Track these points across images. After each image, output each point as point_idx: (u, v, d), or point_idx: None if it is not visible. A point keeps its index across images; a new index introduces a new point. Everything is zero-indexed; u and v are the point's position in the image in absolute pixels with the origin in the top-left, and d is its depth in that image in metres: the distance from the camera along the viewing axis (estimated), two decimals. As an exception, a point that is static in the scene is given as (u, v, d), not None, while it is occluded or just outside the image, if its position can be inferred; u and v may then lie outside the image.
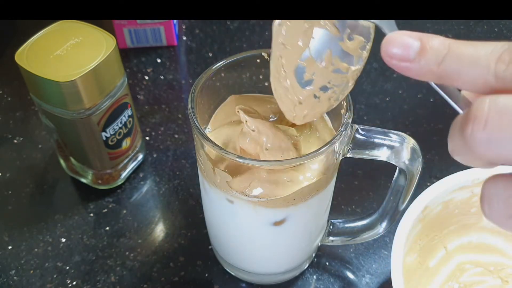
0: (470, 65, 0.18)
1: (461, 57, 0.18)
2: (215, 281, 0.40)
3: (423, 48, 0.19)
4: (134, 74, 0.56)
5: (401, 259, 0.33)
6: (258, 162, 0.29)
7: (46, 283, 0.39)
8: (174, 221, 0.44)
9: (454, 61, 0.18)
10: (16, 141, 0.49)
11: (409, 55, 0.19)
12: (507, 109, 0.16)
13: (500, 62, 0.17)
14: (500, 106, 0.16)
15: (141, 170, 0.47)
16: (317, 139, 0.33)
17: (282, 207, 0.31)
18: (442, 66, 0.18)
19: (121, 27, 0.56)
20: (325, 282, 0.40)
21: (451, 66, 0.18)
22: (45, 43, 0.38)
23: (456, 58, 0.18)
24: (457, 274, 0.39)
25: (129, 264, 0.41)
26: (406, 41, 0.19)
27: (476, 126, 0.17)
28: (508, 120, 0.16)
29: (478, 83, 0.18)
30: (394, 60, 0.19)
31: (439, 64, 0.18)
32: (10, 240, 0.42)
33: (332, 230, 0.39)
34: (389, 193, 0.35)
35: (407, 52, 0.19)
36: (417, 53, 0.19)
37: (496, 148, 0.16)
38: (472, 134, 0.17)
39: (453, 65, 0.18)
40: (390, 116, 0.52)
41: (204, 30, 0.61)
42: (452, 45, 0.18)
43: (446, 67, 0.18)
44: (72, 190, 0.46)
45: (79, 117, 0.38)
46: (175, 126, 0.51)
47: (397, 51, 0.19)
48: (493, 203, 0.18)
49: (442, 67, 0.18)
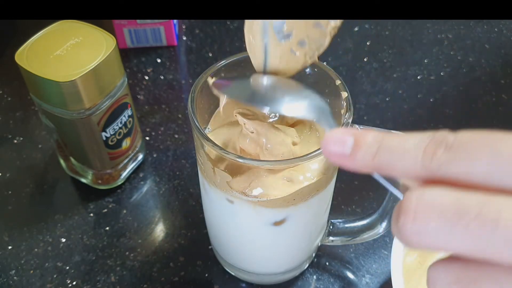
0: (400, 157, 0.19)
1: (392, 149, 0.19)
2: (215, 281, 0.40)
3: (356, 144, 0.20)
4: (134, 74, 0.56)
5: (401, 259, 0.33)
6: (258, 162, 0.29)
7: (46, 283, 0.39)
8: (174, 221, 0.44)
9: (386, 154, 0.19)
10: (16, 141, 0.49)
11: (345, 151, 0.20)
12: (433, 202, 0.17)
13: (425, 154, 0.18)
14: (426, 200, 0.18)
15: (141, 170, 0.47)
16: (317, 139, 0.33)
17: (282, 207, 0.31)
18: (376, 159, 0.20)
19: (121, 27, 0.56)
20: (325, 282, 0.40)
21: (384, 158, 0.19)
22: (45, 43, 0.38)
23: (387, 151, 0.19)
24: (457, 274, 0.39)
25: (129, 264, 0.41)
26: (341, 138, 0.20)
27: (406, 218, 0.18)
28: (434, 212, 0.17)
29: (410, 173, 0.19)
30: (333, 157, 0.21)
31: (373, 158, 0.20)
32: (10, 240, 0.42)
33: (332, 230, 0.39)
34: (389, 193, 0.35)
35: (343, 149, 0.20)
36: (352, 148, 0.20)
37: (426, 239, 0.18)
38: (403, 226, 0.18)
39: (386, 157, 0.19)
40: (390, 116, 0.52)
41: (204, 30, 0.61)
42: (384, 139, 0.20)
43: (379, 160, 0.20)
44: (72, 190, 0.46)
45: (79, 117, 0.38)
46: (175, 126, 0.51)
47: (334, 148, 0.20)
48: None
49: (376, 160, 0.20)
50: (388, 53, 0.59)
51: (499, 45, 0.60)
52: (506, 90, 0.55)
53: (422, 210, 0.17)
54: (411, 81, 0.56)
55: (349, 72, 0.57)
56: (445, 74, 0.57)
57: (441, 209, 0.17)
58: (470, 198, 0.17)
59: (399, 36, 0.61)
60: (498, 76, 0.57)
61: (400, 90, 0.55)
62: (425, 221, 0.17)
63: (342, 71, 0.57)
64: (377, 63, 0.58)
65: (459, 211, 0.17)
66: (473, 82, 0.56)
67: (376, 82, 0.55)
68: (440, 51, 0.59)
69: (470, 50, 0.59)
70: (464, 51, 0.59)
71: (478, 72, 0.57)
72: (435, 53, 0.59)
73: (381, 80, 0.56)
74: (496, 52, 0.59)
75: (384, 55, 0.59)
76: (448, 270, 0.19)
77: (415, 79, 0.56)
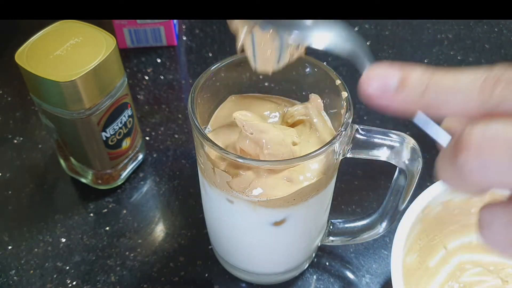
0: (454, 96, 0.18)
1: (444, 87, 0.18)
2: (215, 281, 0.40)
3: (404, 80, 0.19)
4: (134, 74, 0.56)
5: (401, 259, 0.33)
6: (258, 162, 0.29)
7: (46, 283, 0.39)
8: (174, 221, 0.44)
9: (437, 92, 0.18)
10: (16, 141, 0.49)
11: (389, 88, 0.19)
12: (499, 135, 0.16)
13: (483, 91, 0.17)
14: (492, 133, 0.16)
15: (141, 170, 0.47)
16: (317, 139, 0.33)
17: (282, 207, 0.31)
18: (426, 98, 0.18)
19: (121, 27, 0.56)
20: (325, 282, 0.40)
21: (435, 96, 0.18)
22: (45, 43, 0.38)
23: (439, 88, 0.18)
24: (457, 274, 0.39)
25: (129, 264, 0.41)
26: (384, 74, 0.19)
27: (469, 154, 0.17)
28: (501, 146, 0.16)
29: (465, 111, 0.18)
30: (374, 96, 0.19)
31: (421, 96, 0.19)
32: (10, 240, 0.42)
33: (332, 230, 0.39)
34: (389, 193, 0.35)
35: (386, 85, 0.19)
36: (398, 85, 0.19)
37: (492, 174, 0.17)
38: (466, 163, 0.17)
39: (437, 96, 0.18)
40: (390, 116, 0.52)
41: (204, 30, 0.61)
42: (435, 76, 0.18)
43: (429, 99, 0.18)
44: (72, 190, 0.46)
45: (79, 117, 0.38)
46: (175, 126, 0.51)
47: (376, 84, 0.19)
48: (494, 229, 0.18)
49: (425, 99, 0.18)
50: (388, 53, 0.59)
51: (499, 45, 0.60)
52: (506, 90, 0.55)
53: (489, 144, 0.16)
54: (411, 81, 0.56)
55: (349, 72, 0.57)
56: (445, 74, 0.57)
57: (510, 142, 0.16)
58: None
59: (399, 36, 0.61)
60: (498, 76, 0.57)
61: (400, 90, 0.55)
62: (493, 155, 0.16)
63: (342, 71, 0.56)
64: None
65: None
66: (473, 82, 0.56)
67: (376, 82, 0.55)
68: (440, 51, 0.59)
69: (470, 50, 0.59)
70: (464, 51, 0.59)
71: (478, 72, 0.57)
72: (435, 53, 0.59)
73: (381, 80, 0.56)
74: (496, 52, 0.59)
75: (384, 55, 0.59)
76: (506, 210, 0.18)
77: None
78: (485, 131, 0.17)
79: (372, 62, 0.21)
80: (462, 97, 0.18)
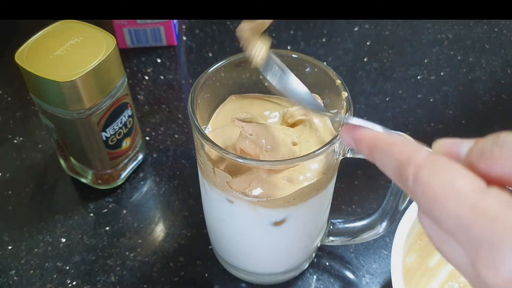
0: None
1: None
2: (215, 281, 0.40)
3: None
4: (134, 74, 0.56)
5: (401, 259, 0.33)
6: (258, 162, 0.29)
7: (46, 283, 0.39)
8: (174, 221, 0.44)
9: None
10: (16, 141, 0.49)
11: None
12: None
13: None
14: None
15: (141, 170, 0.47)
16: (317, 139, 0.33)
17: (282, 207, 0.31)
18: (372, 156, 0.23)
19: (121, 27, 0.56)
20: (325, 282, 0.40)
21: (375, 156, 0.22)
22: (45, 43, 0.38)
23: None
24: (457, 274, 0.39)
25: (129, 264, 0.41)
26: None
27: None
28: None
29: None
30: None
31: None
32: (10, 240, 0.42)
33: (332, 230, 0.39)
34: (389, 193, 0.35)
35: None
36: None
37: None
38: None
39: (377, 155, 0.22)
40: (390, 116, 0.52)
41: (204, 30, 0.61)
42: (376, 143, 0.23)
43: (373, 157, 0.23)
44: (72, 190, 0.46)
45: (79, 117, 0.38)
46: (175, 126, 0.51)
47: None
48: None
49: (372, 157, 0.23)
50: (388, 53, 0.59)
51: (499, 45, 0.60)
52: (506, 90, 0.55)
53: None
54: (411, 81, 0.56)
55: (349, 72, 0.57)
56: (445, 74, 0.57)
57: None
58: None
59: (399, 36, 0.61)
60: (498, 76, 0.57)
61: (400, 90, 0.55)
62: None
63: (342, 71, 0.57)
64: (377, 63, 0.58)
65: None
66: (473, 82, 0.56)
67: (376, 82, 0.55)
68: (440, 51, 0.59)
69: (470, 50, 0.59)
70: (464, 51, 0.59)
71: (478, 72, 0.57)
72: (435, 53, 0.59)
73: (381, 80, 0.56)
74: (496, 52, 0.59)
75: (384, 55, 0.59)
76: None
77: (415, 79, 0.56)
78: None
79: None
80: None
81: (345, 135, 0.24)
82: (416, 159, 0.19)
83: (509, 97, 0.54)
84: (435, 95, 0.54)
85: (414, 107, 0.53)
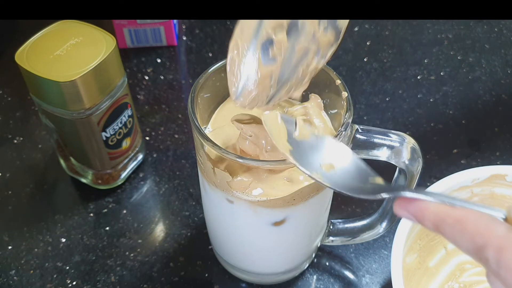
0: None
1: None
2: (215, 281, 0.40)
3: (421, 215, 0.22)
4: (134, 74, 0.56)
5: (401, 259, 0.33)
6: (258, 162, 0.29)
7: (46, 283, 0.39)
8: (174, 221, 0.44)
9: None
10: (16, 141, 0.49)
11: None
12: None
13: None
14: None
15: (141, 170, 0.47)
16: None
17: (282, 207, 0.31)
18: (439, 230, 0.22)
19: (121, 27, 0.56)
20: (325, 282, 0.40)
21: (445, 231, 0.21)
22: (45, 43, 0.38)
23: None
24: (457, 274, 0.39)
25: (129, 264, 0.41)
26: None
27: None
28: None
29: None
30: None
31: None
32: (10, 240, 0.42)
33: (332, 230, 0.39)
34: (389, 193, 0.35)
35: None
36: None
37: None
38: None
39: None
40: (390, 116, 0.52)
41: (204, 30, 0.61)
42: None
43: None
44: (72, 190, 0.46)
45: (79, 117, 0.38)
46: (175, 126, 0.51)
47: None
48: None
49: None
50: (388, 53, 0.59)
51: (499, 45, 0.60)
52: (506, 90, 0.55)
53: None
54: (411, 81, 0.56)
55: (349, 72, 0.57)
56: (445, 74, 0.57)
57: None
58: None
59: (399, 36, 0.61)
60: (498, 76, 0.57)
61: (400, 90, 0.55)
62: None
63: (342, 71, 0.57)
64: (377, 63, 0.58)
65: None
66: (473, 82, 0.56)
67: (376, 82, 0.55)
68: (440, 51, 0.59)
69: (470, 50, 0.59)
70: (464, 51, 0.59)
71: (478, 72, 0.57)
72: (435, 53, 0.59)
73: (381, 80, 0.56)
74: (496, 52, 0.59)
75: (384, 55, 0.59)
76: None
77: (415, 79, 0.56)
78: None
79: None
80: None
81: (401, 211, 0.22)
82: (494, 241, 0.19)
83: (509, 97, 0.54)
84: (435, 95, 0.54)
85: (414, 107, 0.53)
